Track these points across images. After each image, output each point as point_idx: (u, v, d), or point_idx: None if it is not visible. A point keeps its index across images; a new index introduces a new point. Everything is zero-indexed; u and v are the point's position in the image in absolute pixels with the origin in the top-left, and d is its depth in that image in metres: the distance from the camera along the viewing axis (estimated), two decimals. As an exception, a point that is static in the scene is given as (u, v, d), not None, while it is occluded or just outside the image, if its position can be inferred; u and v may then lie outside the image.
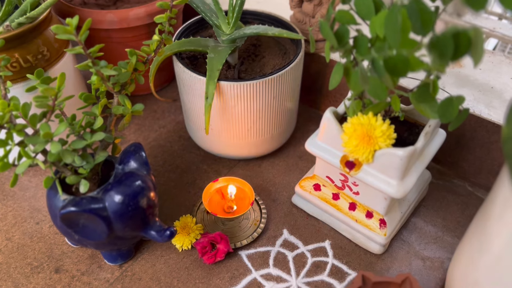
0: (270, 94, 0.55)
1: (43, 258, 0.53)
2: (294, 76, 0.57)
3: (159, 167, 0.64)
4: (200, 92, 0.55)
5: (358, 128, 0.46)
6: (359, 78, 0.37)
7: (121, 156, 0.50)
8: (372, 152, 0.46)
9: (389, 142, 0.45)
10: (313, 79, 0.70)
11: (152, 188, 0.48)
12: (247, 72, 0.58)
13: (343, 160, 0.49)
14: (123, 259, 0.53)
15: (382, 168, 0.46)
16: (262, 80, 0.53)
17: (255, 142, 0.61)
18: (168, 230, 0.47)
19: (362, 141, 0.45)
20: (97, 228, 0.46)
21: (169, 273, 0.52)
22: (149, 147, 0.67)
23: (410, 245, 0.55)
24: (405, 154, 0.43)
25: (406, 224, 0.57)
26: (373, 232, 0.52)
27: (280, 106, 0.58)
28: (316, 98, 0.72)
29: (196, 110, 0.59)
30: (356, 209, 0.53)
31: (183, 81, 0.57)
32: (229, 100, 0.54)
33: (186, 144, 0.68)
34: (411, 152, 0.44)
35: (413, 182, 0.47)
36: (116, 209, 0.45)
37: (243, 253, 0.54)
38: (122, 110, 0.50)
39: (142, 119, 0.72)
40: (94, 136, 0.48)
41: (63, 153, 0.46)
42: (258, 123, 0.58)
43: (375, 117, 0.46)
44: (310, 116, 0.73)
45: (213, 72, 0.52)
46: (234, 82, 0.52)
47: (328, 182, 0.55)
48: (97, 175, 0.51)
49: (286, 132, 0.64)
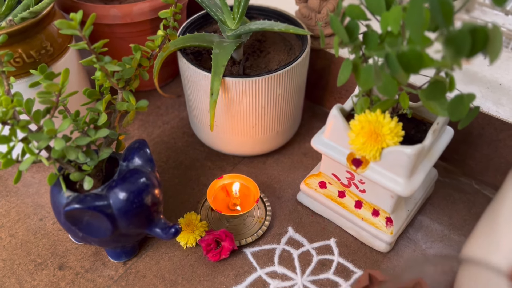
0: (276, 91, 0.55)
1: (46, 255, 0.53)
2: (300, 72, 0.56)
3: (163, 164, 0.64)
4: (205, 88, 0.54)
5: (365, 126, 0.45)
6: (372, 75, 0.36)
7: (126, 152, 0.50)
8: (379, 150, 0.45)
9: (397, 139, 0.45)
10: (318, 75, 0.70)
11: (157, 185, 0.48)
12: (252, 68, 0.57)
13: (350, 158, 0.48)
14: (127, 256, 0.52)
15: (389, 166, 0.46)
16: (267, 76, 0.52)
17: (260, 139, 0.60)
18: (173, 227, 0.47)
19: (370, 138, 0.45)
20: (101, 226, 0.46)
21: (173, 271, 0.51)
22: (153, 144, 0.67)
23: (416, 243, 0.54)
24: (413, 152, 0.43)
25: (412, 222, 0.57)
26: (379, 230, 0.51)
27: (285, 103, 0.57)
28: (322, 95, 0.72)
29: (200, 106, 0.58)
30: (362, 207, 0.53)
31: (187, 77, 0.56)
32: (234, 97, 0.53)
33: (190, 140, 0.68)
34: (419, 150, 0.43)
35: (421, 180, 0.46)
36: (121, 206, 0.45)
37: (248, 250, 0.53)
38: (126, 107, 0.50)
39: (146, 115, 0.72)
40: (98, 133, 0.48)
41: (67, 149, 0.45)
42: (263, 120, 0.57)
43: (383, 115, 0.45)
44: (315, 112, 0.72)
45: (218, 68, 0.51)
46: (239, 78, 0.52)
47: (334, 180, 0.54)
48: (101, 172, 0.51)
49: (291, 129, 0.64)
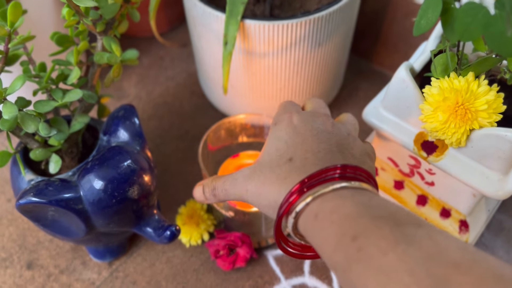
0: (315, 40, 0.42)
1: (13, 248, 0.42)
2: (348, 15, 0.43)
3: (165, 133, 0.51)
4: (218, 34, 0.42)
5: (449, 96, 0.32)
6: (504, 21, 0.21)
7: (107, 123, 0.37)
8: (467, 132, 0.32)
9: (495, 118, 0.32)
10: (367, 20, 0.56)
11: (147, 169, 0.35)
12: (283, 8, 0.44)
13: (419, 140, 0.35)
14: (113, 255, 0.41)
15: (479, 155, 0.33)
16: (304, 20, 0.40)
17: None
18: (169, 229, 0.35)
19: (454, 115, 0.32)
20: (72, 224, 0.34)
21: (172, 277, 0.40)
22: (152, 105, 0.54)
23: (495, 253, 0.42)
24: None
25: (489, 223, 0.43)
26: None
27: (325, 57, 0.45)
28: (370, 46, 0.58)
29: (211, 60, 0.46)
30: (427, 204, 0.40)
31: (194, 19, 0.44)
32: (256, 47, 0.42)
33: (199, 103, 0.55)
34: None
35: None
36: (95, 199, 0.33)
37: (270, 254, 0.42)
38: (107, 59, 0.37)
39: (146, 68, 0.58)
40: (68, 95, 0.35)
41: (22, 118, 0.33)
42: (294, 80, 0.46)
43: (477, 80, 0.31)
44: (360, 69, 0.59)
45: (236, 6, 0.39)
46: (264, 21, 0.40)
47: (389, 166, 0.40)
48: (76, 147, 0.38)
49: (330, 91, 0.52)
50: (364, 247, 0.20)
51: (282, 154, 0.27)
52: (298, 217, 0.25)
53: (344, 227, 0.22)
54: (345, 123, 0.31)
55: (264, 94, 0.47)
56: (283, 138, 0.28)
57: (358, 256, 0.20)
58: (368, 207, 0.22)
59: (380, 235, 0.20)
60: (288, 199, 0.25)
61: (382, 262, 0.19)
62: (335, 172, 0.25)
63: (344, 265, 0.21)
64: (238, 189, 0.29)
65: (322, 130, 0.28)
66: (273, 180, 0.27)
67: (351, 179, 0.25)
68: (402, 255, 0.19)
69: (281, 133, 0.29)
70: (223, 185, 0.30)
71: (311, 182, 0.25)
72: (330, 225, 0.23)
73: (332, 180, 0.25)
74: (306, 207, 0.24)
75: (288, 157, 0.27)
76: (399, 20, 0.52)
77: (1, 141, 0.51)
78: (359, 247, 0.20)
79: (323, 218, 0.23)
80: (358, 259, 0.20)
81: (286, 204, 0.25)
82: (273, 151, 0.28)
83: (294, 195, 0.25)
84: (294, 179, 0.25)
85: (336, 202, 0.23)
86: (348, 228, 0.22)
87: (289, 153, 0.27)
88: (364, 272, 0.20)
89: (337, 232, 0.22)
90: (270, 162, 0.28)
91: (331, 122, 0.29)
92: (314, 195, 0.24)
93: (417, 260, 0.19)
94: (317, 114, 0.30)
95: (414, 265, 0.19)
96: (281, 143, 0.28)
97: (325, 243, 0.23)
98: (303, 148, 0.27)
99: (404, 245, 0.19)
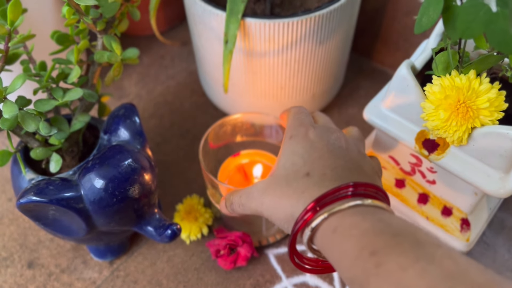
0: (315, 39, 0.42)
1: (14, 247, 0.42)
2: (348, 14, 0.43)
3: (165, 131, 0.51)
4: (218, 33, 0.42)
5: (450, 94, 0.32)
6: (506, 18, 0.21)
7: (108, 122, 0.37)
8: (468, 130, 0.32)
9: (497, 116, 0.32)
10: (368, 19, 0.56)
11: (148, 168, 0.35)
12: (284, 7, 0.45)
13: (421, 138, 0.35)
14: (114, 254, 0.41)
15: (481, 154, 0.33)
16: (304, 18, 0.40)
17: (291, 103, 0.49)
18: (170, 228, 0.35)
19: (456, 113, 0.32)
20: (73, 223, 0.34)
21: (173, 276, 0.40)
22: (153, 104, 0.54)
23: (496, 251, 0.41)
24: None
25: (491, 221, 0.43)
26: (451, 235, 0.39)
27: (326, 55, 0.45)
28: (370, 44, 0.58)
29: (212, 58, 0.46)
30: (429, 202, 0.39)
31: (194, 17, 0.44)
32: (257, 46, 0.42)
33: (200, 101, 0.55)
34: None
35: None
36: (96, 198, 0.33)
37: (271, 252, 0.41)
38: (107, 57, 0.36)
39: (146, 67, 0.58)
40: (68, 94, 0.35)
41: (23, 117, 0.33)
42: (295, 78, 0.45)
43: (479, 78, 0.31)
44: (361, 67, 0.59)
45: (236, 4, 0.39)
46: (265, 20, 0.40)
47: (390, 164, 0.40)
48: (76, 146, 0.38)
49: (331, 90, 0.52)
50: (384, 262, 0.20)
51: (299, 169, 0.27)
52: (314, 231, 0.25)
53: (364, 242, 0.22)
54: (353, 138, 0.31)
55: (264, 92, 0.47)
56: (299, 152, 0.28)
57: (377, 271, 0.20)
58: (388, 225, 0.22)
59: (400, 251, 0.20)
60: (303, 217, 0.25)
61: (401, 278, 0.19)
62: (347, 190, 0.25)
63: (362, 279, 0.21)
64: (254, 203, 0.29)
65: (338, 146, 0.28)
66: (290, 193, 0.26)
67: (363, 196, 0.25)
68: (422, 272, 0.19)
69: (297, 147, 0.28)
70: (239, 200, 0.30)
71: (325, 200, 0.25)
72: (349, 239, 0.22)
73: (346, 198, 0.24)
74: (324, 222, 0.24)
75: (305, 172, 0.27)
76: (400, 18, 0.52)
77: (2, 140, 0.51)
78: (378, 262, 0.20)
79: (342, 232, 0.23)
80: (377, 273, 0.20)
81: (301, 221, 0.25)
82: (289, 165, 0.28)
83: (308, 213, 0.25)
84: (312, 194, 0.25)
85: (356, 217, 0.23)
86: (367, 242, 0.22)
87: (306, 168, 0.27)
88: (382, 287, 0.20)
89: (356, 246, 0.22)
90: (286, 176, 0.27)
91: (345, 138, 0.29)
92: (330, 211, 0.24)
93: (437, 278, 0.19)
94: (332, 129, 0.30)
95: (435, 283, 0.18)
96: (297, 157, 0.28)
97: (343, 257, 0.23)
98: (321, 164, 0.27)
99: (424, 263, 0.19)
